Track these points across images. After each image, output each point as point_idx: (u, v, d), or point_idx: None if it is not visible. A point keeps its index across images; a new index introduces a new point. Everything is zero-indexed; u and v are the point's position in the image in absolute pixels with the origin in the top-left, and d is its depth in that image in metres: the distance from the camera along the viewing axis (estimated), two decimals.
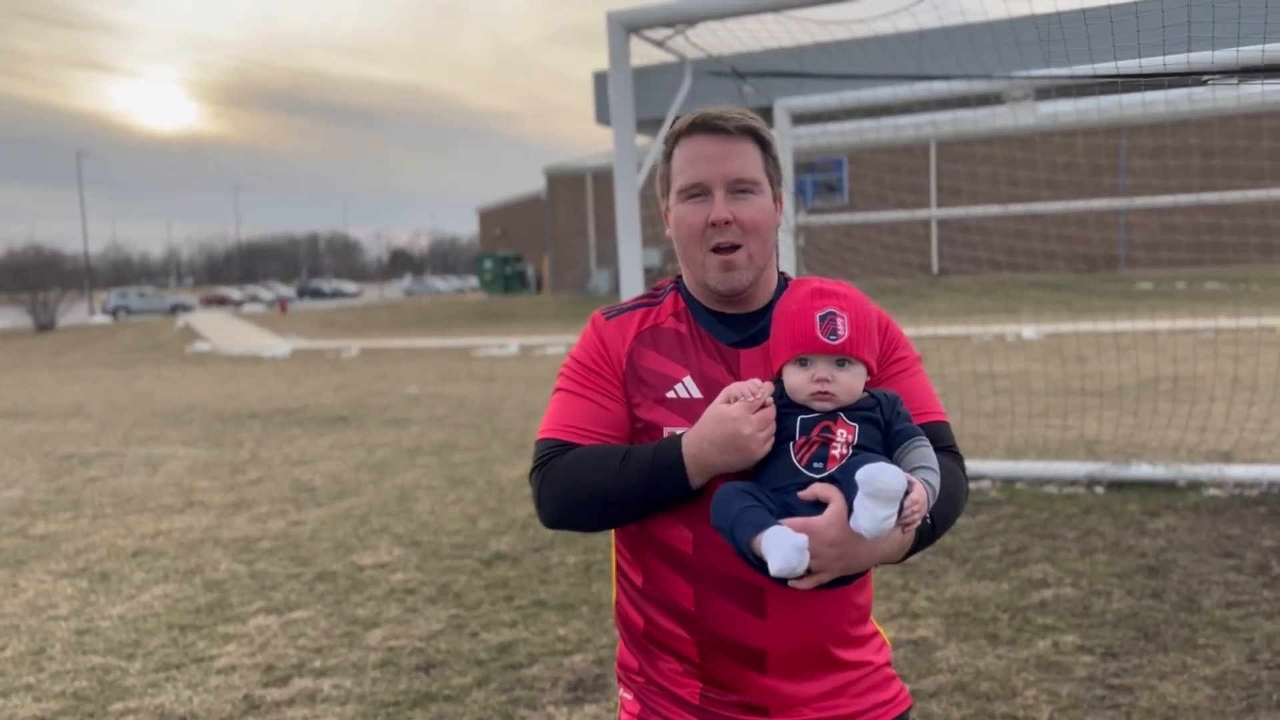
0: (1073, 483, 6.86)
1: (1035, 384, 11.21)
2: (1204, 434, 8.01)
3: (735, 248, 1.66)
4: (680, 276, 1.81)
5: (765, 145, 1.71)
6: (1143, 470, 6.87)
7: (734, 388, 1.57)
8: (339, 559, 5.99)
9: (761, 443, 1.53)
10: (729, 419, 1.53)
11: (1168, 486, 6.67)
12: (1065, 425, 8.96)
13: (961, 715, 3.62)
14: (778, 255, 1.78)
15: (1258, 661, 3.93)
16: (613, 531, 1.79)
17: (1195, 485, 6.63)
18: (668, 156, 1.74)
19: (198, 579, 5.72)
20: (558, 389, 1.76)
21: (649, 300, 1.80)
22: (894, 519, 1.42)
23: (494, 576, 5.51)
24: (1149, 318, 16.07)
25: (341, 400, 14.30)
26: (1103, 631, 4.31)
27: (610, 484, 1.61)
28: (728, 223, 1.65)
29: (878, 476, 1.39)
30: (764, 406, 1.54)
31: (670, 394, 1.67)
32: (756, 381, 1.57)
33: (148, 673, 4.37)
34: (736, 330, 1.71)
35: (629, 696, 1.79)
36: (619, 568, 1.79)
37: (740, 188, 1.67)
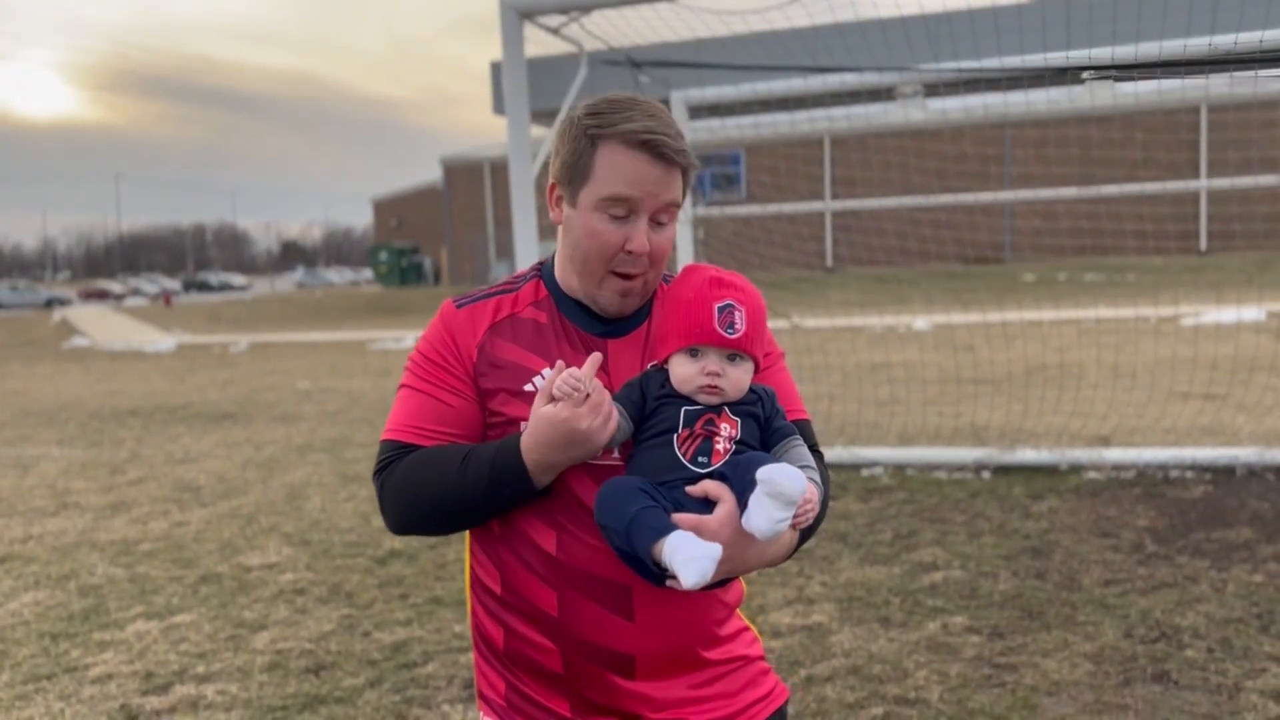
0: (961, 468, 7.05)
1: (926, 373, 11.52)
2: (1085, 419, 8.34)
3: (635, 276, 1.58)
4: (543, 264, 1.71)
5: (687, 173, 1.60)
6: (1027, 455, 7.11)
7: (552, 385, 1.47)
8: (224, 560, 5.77)
9: (601, 428, 1.46)
10: (558, 420, 1.45)
11: (1050, 470, 6.91)
12: (954, 413, 9.22)
13: (855, 698, 3.67)
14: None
15: (1133, 637, 4.09)
16: (468, 538, 1.70)
17: (1076, 469, 6.88)
18: (592, 146, 1.54)
19: (72, 584, 5.44)
20: (402, 385, 1.65)
21: (506, 288, 1.69)
22: (789, 521, 1.39)
23: (388, 575, 5.39)
24: (1033, 308, 16.66)
25: (229, 396, 13.83)
26: (989, 612, 4.43)
27: (451, 488, 1.54)
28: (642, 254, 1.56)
29: (779, 478, 1.36)
30: (588, 396, 1.46)
31: (528, 386, 1.58)
32: (574, 371, 1.47)
33: (15, 685, 4.13)
34: (603, 320, 1.63)
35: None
36: (474, 577, 1.69)
37: (662, 217, 1.56)
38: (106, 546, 6.17)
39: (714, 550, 1.37)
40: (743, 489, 1.41)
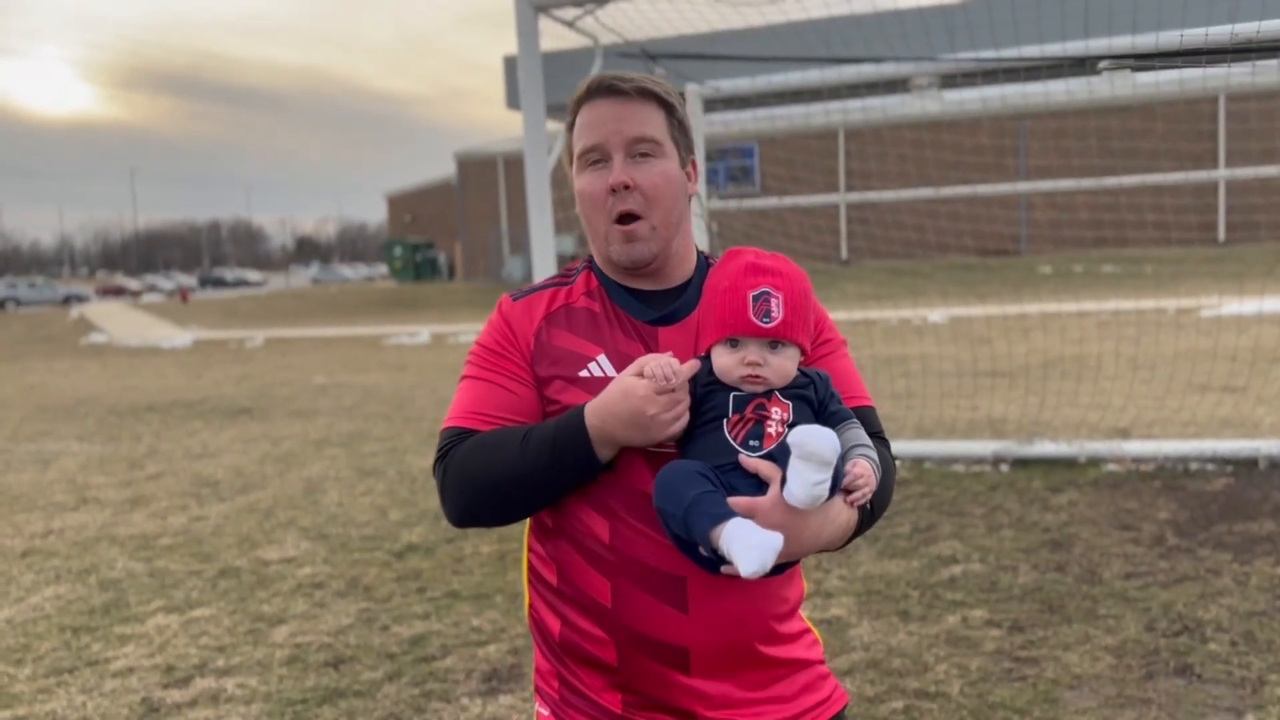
0: (979, 461, 7.01)
1: (942, 366, 11.46)
2: (1103, 412, 8.28)
3: (636, 218, 1.58)
4: (593, 256, 1.73)
5: (670, 109, 1.62)
6: (1045, 448, 7.06)
7: (648, 363, 1.47)
8: (243, 554, 5.79)
9: (666, 425, 1.46)
10: (634, 395, 1.45)
11: (1069, 463, 6.87)
12: (971, 406, 9.17)
13: (875, 692, 3.66)
14: (689, 229, 1.70)
15: (1155, 630, 4.06)
16: (526, 531, 1.70)
17: (1095, 461, 6.84)
18: (570, 126, 1.65)
19: (92, 579, 5.48)
20: (463, 376, 1.67)
21: (560, 281, 1.72)
22: (827, 485, 1.37)
23: (405, 568, 5.40)
24: (1050, 301, 16.57)
25: (245, 391, 13.89)
26: (1009, 605, 4.40)
27: (513, 464, 1.52)
28: (627, 187, 1.57)
29: (810, 439, 1.34)
30: (674, 391, 1.45)
31: (583, 373, 1.59)
32: (673, 362, 1.47)
33: (38, 678, 4.16)
34: (654, 307, 1.63)
35: (545, 711, 1.69)
36: (532, 568, 1.70)
37: (640, 150, 1.58)
38: (126, 541, 6.21)
39: (775, 540, 1.35)
40: (787, 463, 1.39)
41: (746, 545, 1.34)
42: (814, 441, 1.34)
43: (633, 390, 1.46)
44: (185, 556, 5.80)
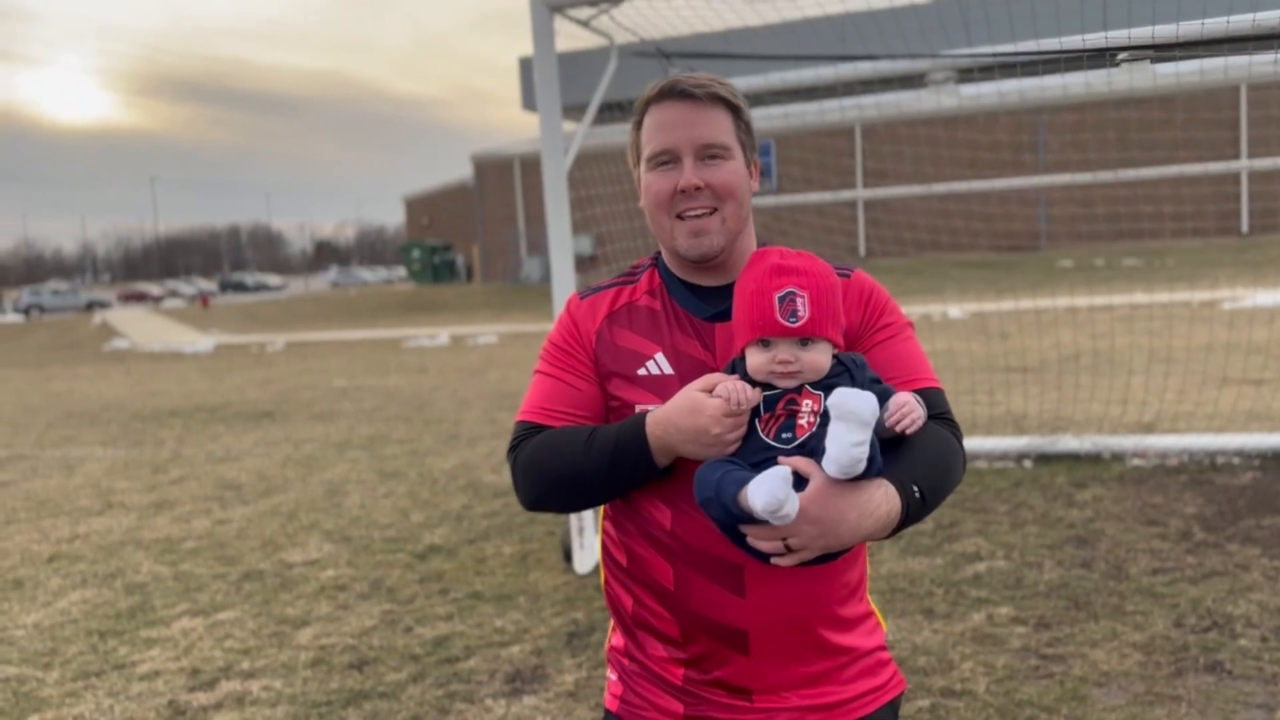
0: (1002, 457, 6.96)
1: (962, 362, 11.39)
2: (1126, 406, 8.21)
3: (710, 211, 1.64)
4: (660, 252, 1.80)
5: (736, 111, 1.68)
6: (1069, 444, 7.01)
7: (720, 384, 1.51)
8: (267, 557, 5.82)
9: (726, 444, 1.50)
10: (702, 414, 1.50)
11: (1093, 458, 6.81)
12: (992, 401, 9.11)
13: None
14: (751, 226, 1.74)
15: (1184, 626, 4.02)
16: (601, 514, 1.79)
17: (1119, 456, 6.78)
18: (638, 125, 1.71)
19: (118, 582, 5.52)
20: (535, 371, 1.77)
21: (625, 279, 1.80)
22: (865, 447, 1.38)
23: (428, 570, 5.41)
24: (1069, 295, 16.45)
25: (267, 395, 13.97)
26: (1035, 602, 4.37)
27: (577, 464, 1.61)
28: (698, 189, 1.63)
29: (847, 399, 1.37)
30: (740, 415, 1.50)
31: (642, 371, 1.67)
32: (746, 388, 1.50)
33: (65, 682, 4.19)
34: (711, 304, 1.69)
35: (613, 677, 1.78)
36: (605, 548, 1.78)
37: (710, 153, 1.64)
38: (151, 545, 6.25)
39: (783, 470, 1.39)
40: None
41: (759, 484, 1.38)
42: (851, 401, 1.37)
43: (701, 408, 1.50)
44: (209, 560, 5.84)
